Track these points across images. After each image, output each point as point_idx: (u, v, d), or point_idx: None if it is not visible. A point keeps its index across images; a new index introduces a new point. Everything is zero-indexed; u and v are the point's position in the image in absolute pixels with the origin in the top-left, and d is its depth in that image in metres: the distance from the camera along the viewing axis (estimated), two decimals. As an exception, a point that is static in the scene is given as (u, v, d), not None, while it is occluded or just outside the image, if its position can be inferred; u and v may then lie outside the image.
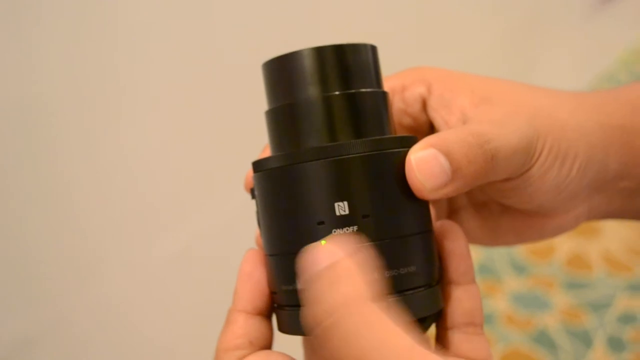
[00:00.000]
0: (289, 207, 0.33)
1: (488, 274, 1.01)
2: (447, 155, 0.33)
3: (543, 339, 0.90)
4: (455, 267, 0.36)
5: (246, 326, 0.35)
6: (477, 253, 1.03)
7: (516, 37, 1.25)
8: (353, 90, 0.34)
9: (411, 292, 0.32)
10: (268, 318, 0.36)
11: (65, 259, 0.64)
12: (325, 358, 0.27)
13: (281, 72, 0.35)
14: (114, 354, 0.68)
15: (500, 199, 0.41)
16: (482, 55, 1.16)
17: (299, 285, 0.29)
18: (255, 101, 0.45)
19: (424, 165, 0.33)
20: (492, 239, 0.44)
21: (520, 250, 1.04)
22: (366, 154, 0.32)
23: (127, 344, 0.69)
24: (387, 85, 0.39)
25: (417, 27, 1.00)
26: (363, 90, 0.35)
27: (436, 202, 0.44)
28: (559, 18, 1.34)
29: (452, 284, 0.36)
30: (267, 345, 0.36)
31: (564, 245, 1.04)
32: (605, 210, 0.43)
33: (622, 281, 0.98)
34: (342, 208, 0.32)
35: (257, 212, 0.35)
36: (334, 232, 0.32)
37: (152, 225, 0.70)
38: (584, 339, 0.89)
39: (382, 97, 0.36)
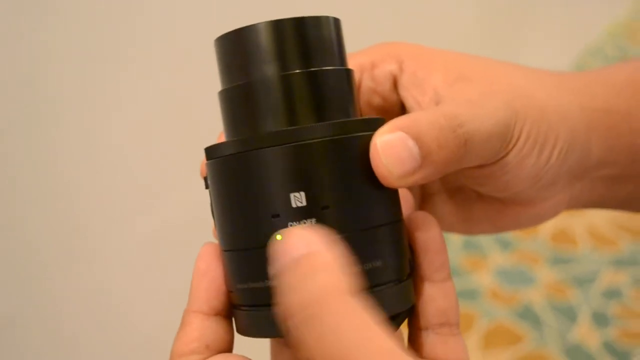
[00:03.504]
0: (242, 199, 0.30)
1: (473, 249, 1.00)
2: (416, 139, 0.30)
3: (527, 314, 0.90)
4: (429, 262, 0.33)
5: (202, 328, 0.32)
6: (462, 228, 1.03)
7: (502, 11, 1.24)
8: (314, 69, 0.31)
9: (379, 288, 0.30)
10: (227, 318, 0.33)
11: (48, 239, 0.63)
12: (298, 355, 0.25)
13: (235, 48, 0.32)
14: (96, 333, 0.67)
15: (474, 186, 0.38)
16: (466, 28, 1.15)
17: (271, 272, 0.27)
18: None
19: (390, 149, 0.30)
20: (466, 227, 0.42)
21: (506, 225, 1.03)
22: (328, 138, 0.30)
23: (110, 323, 0.68)
24: (355, 62, 0.37)
25: (393, 4, 0.98)
26: (325, 68, 0.32)
27: (409, 188, 0.41)
28: (545, -9, 1.33)
29: (425, 281, 0.33)
30: (227, 348, 0.33)
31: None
32: (587, 199, 0.41)
33: (607, 256, 0.98)
34: (298, 199, 0.29)
35: (211, 204, 0.32)
36: (290, 225, 0.29)
37: (137, 203, 0.69)
38: (569, 314, 0.89)
39: (347, 76, 0.33)
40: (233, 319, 0.33)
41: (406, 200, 0.37)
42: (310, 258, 0.25)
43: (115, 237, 0.68)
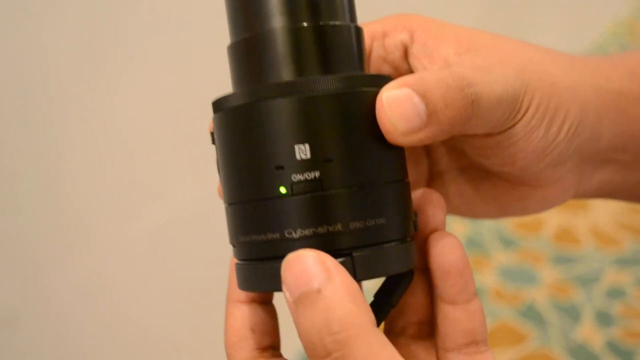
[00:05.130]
0: (247, 150, 0.30)
1: (476, 248, 1.00)
2: (423, 96, 0.30)
3: (531, 314, 0.89)
4: (450, 285, 0.32)
5: (243, 315, 0.33)
6: (465, 227, 1.02)
7: (503, 10, 1.24)
8: (322, 23, 0.31)
9: (382, 245, 0.30)
10: (267, 304, 0.34)
11: (50, 236, 0.63)
12: None
13: (243, 2, 0.32)
14: (97, 331, 0.67)
15: (479, 159, 0.38)
16: (467, 25, 1.14)
17: (285, 295, 0.27)
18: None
19: (396, 105, 0.30)
20: (472, 209, 0.42)
21: (509, 224, 1.03)
22: (334, 91, 0.30)
23: (111, 321, 0.68)
24: (366, 31, 0.37)
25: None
26: (334, 22, 0.32)
27: (417, 165, 0.41)
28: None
29: (448, 304, 0.32)
30: (271, 331, 0.34)
31: (552, 219, 1.03)
32: (596, 187, 0.40)
33: (611, 255, 0.98)
34: (302, 151, 0.29)
35: (217, 158, 0.32)
36: (294, 177, 0.29)
37: (138, 201, 0.69)
38: (572, 314, 0.89)
39: (356, 32, 0.33)
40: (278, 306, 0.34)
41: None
42: (330, 287, 0.26)
43: (117, 235, 0.68)
